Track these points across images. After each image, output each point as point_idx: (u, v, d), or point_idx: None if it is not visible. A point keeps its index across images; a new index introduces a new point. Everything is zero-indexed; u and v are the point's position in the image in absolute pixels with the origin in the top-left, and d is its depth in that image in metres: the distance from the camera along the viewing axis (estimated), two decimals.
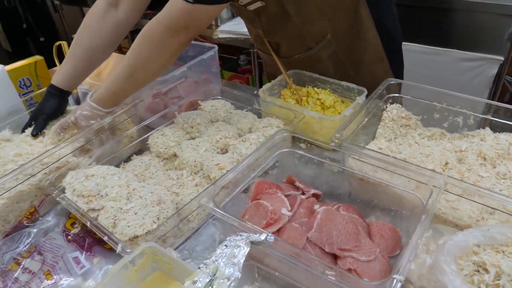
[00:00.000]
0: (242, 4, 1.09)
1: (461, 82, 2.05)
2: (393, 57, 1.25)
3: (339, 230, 0.73)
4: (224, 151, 1.01)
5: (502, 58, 1.97)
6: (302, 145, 1.03)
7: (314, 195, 0.86)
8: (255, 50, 2.63)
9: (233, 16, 2.81)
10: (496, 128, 0.96)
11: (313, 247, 0.71)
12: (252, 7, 1.09)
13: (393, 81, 1.07)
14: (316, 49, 1.17)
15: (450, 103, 1.01)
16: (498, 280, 0.60)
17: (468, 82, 2.03)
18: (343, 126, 0.89)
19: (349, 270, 0.69)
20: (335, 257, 0.72)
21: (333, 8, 1.10)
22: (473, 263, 0.63)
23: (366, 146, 0.95)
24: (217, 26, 2.72)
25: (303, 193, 0.86)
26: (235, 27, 2.61)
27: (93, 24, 1.10)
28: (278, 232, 0.73)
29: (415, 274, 0.68)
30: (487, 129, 0.96)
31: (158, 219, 0.76)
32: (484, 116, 0.96)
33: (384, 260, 0.72)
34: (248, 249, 0.58)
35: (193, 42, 1.40)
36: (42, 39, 3.33)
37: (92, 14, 1.11)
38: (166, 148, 1.00)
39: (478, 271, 0.62)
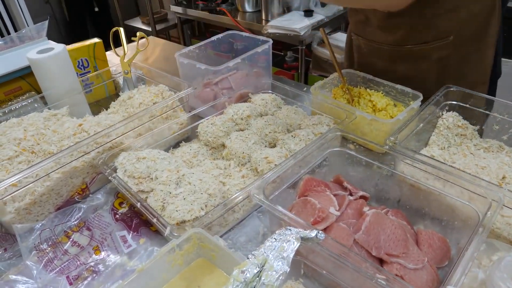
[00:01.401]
0: None
1: None
2: (493, 84, 1.19)
3: (388, 235, 0.72)
4: (273, 145, 1.02)
5: None
6: (351, 146, 1.02)
7: (362, 197, 0.85)
8: (303, 47, 2.63)
9: (284, 12, 2.81)
10: None
11: (359, 249, 0.71)
12: None
13: (452, 87, 1.03)
14: (432, 45, 1.10)
15: (509, 114, 0.97)
16: None
17: None
18: (398, 129, 0.87)
19: (396, 276, 0.68)
20: (381, 262, 0.71)
21: (466, 10, 1.04)
22: None
23: (422, 152, 0.93)
24: (267, 21, 2.74)
25: (351, 194, 0.85)
26: (285, 23, 2.61)
27: None
28: (324, 230, 0.73)
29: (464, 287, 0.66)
30: None
31: (205, 206, 0.78)
32: None
33: (432, 270, 0.70)
34: (298, 244, 0.58)
35: (248, 35, 1.42)
36: (96, 9, 3.49)
37: None
38: (215, 138, 1.02)
39: None
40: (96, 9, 3.57)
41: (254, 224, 0.86)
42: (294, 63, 2.89)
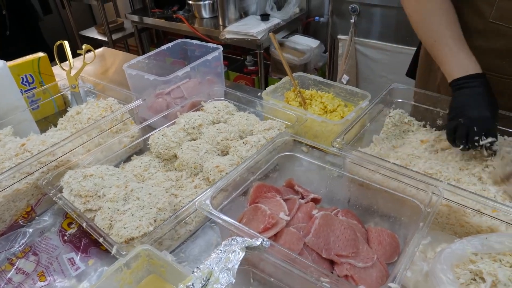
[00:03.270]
0: None
1: None
2: None
3: (337, 236, 0.73)
4: (225, 153, 1.02)
5: None
6: (304, 148, 1.04)
7: (313, 199, 0.86)
8: (261, 51, 2.64)
9: (240, 17, 2.82)
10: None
11: (310, 252, 0.71)
12: None
13: (397, 85, 1.06)
14: None
15: None
16: None
17: None
18: (344, 130, 0.89)
19: (346, 276, 0.69)
20: (332, 263, 0.72)
21: None
22: (470, 272, 0.62)
23: (365, 151, 0.95)
24: (224, 26, 2.74)
25: (302, 197, 0.86)
26: (242, 28, 2.62)
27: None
28: (275, 236, 0.73)
29: (412, 282, 0.68)
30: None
31: (155, 221, 0.76)
32: None
33: (382, 267, 0.72)
34: (243, 254, 0.58)
35: (199, 42, 1.42)
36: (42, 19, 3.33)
37: None
38: (166, 149, 1.01)
39: (475, 279, 0.62)
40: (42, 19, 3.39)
41: (208, 235, 0.86)
42: (254, 67, 2.90)
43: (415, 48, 1.24)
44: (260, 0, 2.83)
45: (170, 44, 1.42)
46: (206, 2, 2.88)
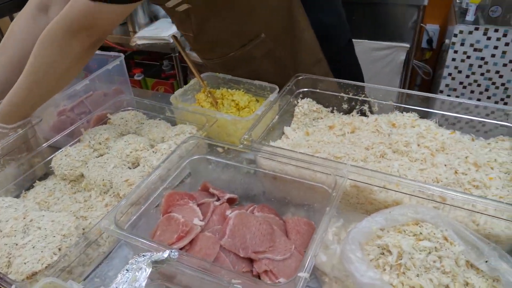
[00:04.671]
0: (169, 7, 1.05)
1: (374, 71, 2.16)
2: (337, 57, 1.23)
3: (253, 233, 0.73)
4: (136, 165, 0.97)
5: (408, 45, 2.11)
6: (219, 149, 1.02)
7: (229, 199, 0.85)
8: (176, 54, 2.59)
9: (151, 21, 2.74)
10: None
11: (227, 254, 0.70)
12: (180, 8, 1.06)
13: (301, 76, 1.09)
14: (249, 46, 1.14)
15: (355, 92, 1.05)
16: (401, 259, 0.63)
17: (381, 70, 2.15)
18: (252, 126, 0.89)
19: (265, 271, 0.69)
20: (251, 261, 0.71)
21: (265, 8, 1.07)
22: (378, 247, 0.65)
23: (275, 144, 0.96)
24: (134, 32, 2.64)
25: (218, 199, 0.85)
26: (153, 32, 2.55)
27: (20, 31, 1.01)
28: (190, 243, 0.71)
29: (328, 265, 0.69)
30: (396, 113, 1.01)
31: (59, 249, 0.71)
32: (386, 102, 1.02)
33: (301, 256, 0.72)
34: (150, 270, 0.56)
35: (97, 52, 1.34)
36: None
37: (18, 21, 1.01)
38: (71, 170, 0.94)
39: (383, 253, 0.65)
40: None
41: (123, 254, 0.81)
42: (172, 71, 2.84)
43: None
44: None
45: None
46: None
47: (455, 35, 2.05)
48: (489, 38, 2.02)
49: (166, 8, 1.09)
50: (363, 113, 1.06)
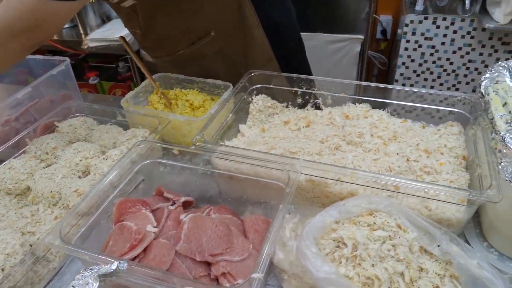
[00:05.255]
0: (114, 2, 1.01)
1: (332, 63, 2.19)
2: (288, 55, 1.24)
3: (209, 236, 0.71)
4: (87, 173, 0.93)
5: (362, 37, 2.15)
6: (176, 151, 1.00)
7: (185, 203, 0.83)
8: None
9: (103, 22, 2.65)
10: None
11: (183, 260, 0.68)
12: (126, 4, 1.02)
13: (255, 72, 1.08)
14: (198, 44, 1.12)
15: (308, 86, 1.05)
16: (356, 251, 0.63)
17: (338, 62, 2.18)
18: (204, 126, 0.87)
19: (223, 274, 0.68)
20: (209, 264, 0.70)
21: (213, 5, 1.05)
22: (333, 240, 0.65)
23: (231, 142, 0.95)
24: (86, 34, 2.55)
25: (173, 203, 0.82)
26: (106, 34, 2.47)
27: None
28: (144, 252, 0.69)
29: (286, 262, 0.69)
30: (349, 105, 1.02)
31: (2, 270, 0.66)
32: (339, 95, 1.02)
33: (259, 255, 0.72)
34: (98, 284, 0.53)
35: (42, 57, 1.28)
36: None
37: None
38: (16, 183, 0.89)
39: (339, 246, 0.65)
40: None
41: (75, 268, 0.78)
42: (128, 73, 2.76)
43: None
44: None
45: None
46: None
47: (406, 25, 2.11)
48: (438, 27, 2.09)
49: (111, 4, 1.06)
50: (317, 107, 1.06)
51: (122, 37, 1.21)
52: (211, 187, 0.86)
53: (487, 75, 0.85)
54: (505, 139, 0.66)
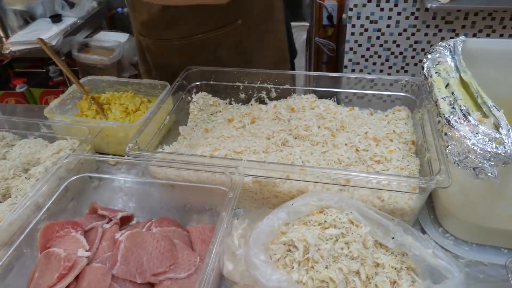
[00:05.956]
0: None
1: None
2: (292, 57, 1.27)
3: (150, 253, 0.67)
4: (7, 196, 0.86)
5: (308, 24, 2.16)
6: (111, 162, 0.95)
7: (123, 218, 0.78)
8: (63, 58, 2.39)
9: (26, 23, 2.49)
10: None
11: (122, 284, 0.64)
12: None
13: (193, 68, 1.04)
14: (222, 31, 1.07)
15: (250, 80, 1.03)
16: (308, 254, 0.61)
17: None
18: (137, 132, 0.82)
19: None
20: (152, 286, 0.66)
21: None
22: (284, 244, 0.64)
23: (171, 147, 0.90)
24: (7, 37, 2.38)
25: (110, 220, 0.77)
26: (30, 36, 2.32)
27: None
28: (76, 280, 0.64)
29: (237, 273, 0.66)
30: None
31: None
32: (282, 87, 1.01)
33: None
34: None
35: None
36: None
37: None
38: None
39: (290, 250, 0.63)
40: None
41: None
42: (61, 78, 2.62)
43: None
44: (45, 0, 2.54)
45: None
46: None
47: (351, 9, 2.14)
48: (382, 9, 2.13)
49: None
50: (262, 101, 1.04)
51: (41, 39, 1.14)
52: (151, 198, 0.82)
53: (429, 56, 0.86)
54: (450, 122, 0.67)
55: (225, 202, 0.65)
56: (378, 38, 2.23)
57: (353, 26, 2.20)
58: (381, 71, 2.34)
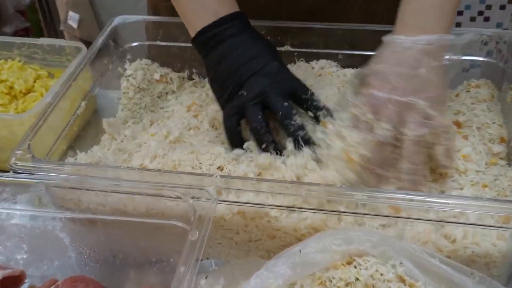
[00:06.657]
0: None
1: None
2: None
3: None
4: None
5: None
6: None
7: (6, 280, 0.78)
8: None
9: None
10: None
11: None
12: None
13: (124, 18, 1.06)
14: None
15: None
16: None
17: None
18: (30, 129, 0.84)
19: None
20: None
21: None
22: None
23: (88, 154, 0.91)
24: None
25: None
26: None
27: None
28: None
29: None
30: None
31: None
32: None
33: None
34: None
35: None
36: None
37: None
38: None
39: None
40: None
41: None
42: None
43: None
44: None
45: None
46: None
47: None
48: None
49: None
50: None
51: None
52: (56, 244, 0.82)
53: None
54: None
55: (185, 249, 0.65)
56: None
57: None
58: None
